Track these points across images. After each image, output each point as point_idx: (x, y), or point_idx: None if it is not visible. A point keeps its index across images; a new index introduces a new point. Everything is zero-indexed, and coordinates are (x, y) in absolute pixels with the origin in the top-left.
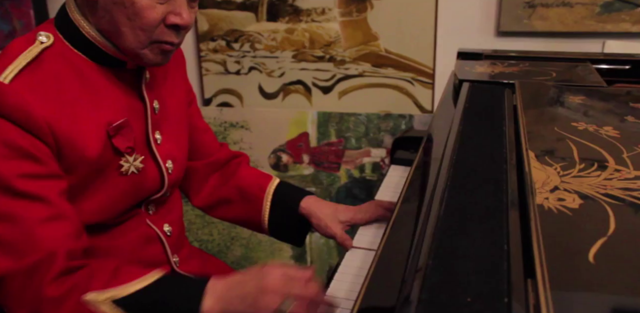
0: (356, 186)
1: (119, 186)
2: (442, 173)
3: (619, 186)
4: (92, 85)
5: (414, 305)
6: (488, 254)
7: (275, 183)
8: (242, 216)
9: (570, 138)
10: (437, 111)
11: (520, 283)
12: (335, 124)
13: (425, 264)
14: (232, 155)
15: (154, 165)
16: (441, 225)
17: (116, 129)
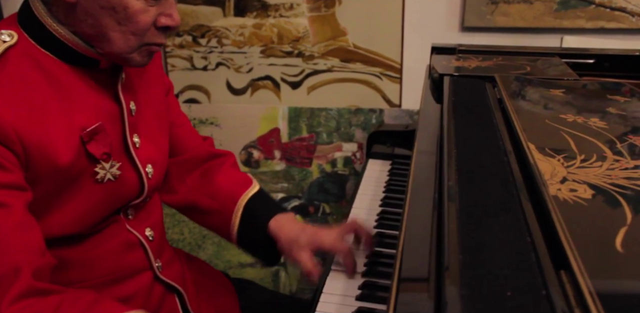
0: (328, 181)
1: (95, 195)
2: (447, 168)
3: (623, 176)
4: (63, 87)
5: (459, 303)
6: (514, 247)
7: (250, 195)
8: (211, 225)
9: (563, 130)
10: (421, 106)
11: (552, 275)
12: (306, 119)
13: (457, 260)
14: (214, 154)
15: (132, 170)
16: (462, 221)
17: (90, 134)
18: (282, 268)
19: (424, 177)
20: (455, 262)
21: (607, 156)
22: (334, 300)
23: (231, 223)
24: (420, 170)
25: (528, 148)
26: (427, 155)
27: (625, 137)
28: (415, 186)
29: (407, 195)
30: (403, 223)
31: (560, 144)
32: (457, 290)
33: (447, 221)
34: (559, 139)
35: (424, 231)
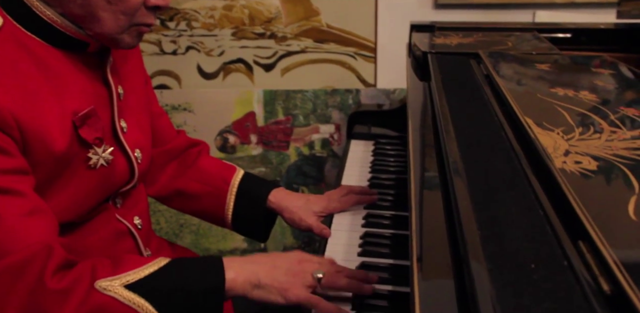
0: (306, 164)
1: (88, 181)
2: (448, 145)
3: (622, 146)
4: (52, 71)
5: (487, 277)
6: (528, 221)
7: (240, 176)
8: (202, 209)
9: (556, 104)
10: (409, 85)
11: (570, 246)
12: (282, 102)
13: (477, 236)
14: (191, 143)
15: (122, 155)
16: (473, 197)
17: (82, 118)
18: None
19: (424, 156)
20: (475, 237)
21: (603, 128)
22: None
23: (225, 203)
24: (419, 149)
25: (526, 122)
26: (422, 133)
27: (617, 109)
28: (417, 165)
29: (411, 175)
30: (412, 203)
31: (556, 118)
32: (483, 265)
33: (459, 197)
34: (554, 113)
35: (435, 209)
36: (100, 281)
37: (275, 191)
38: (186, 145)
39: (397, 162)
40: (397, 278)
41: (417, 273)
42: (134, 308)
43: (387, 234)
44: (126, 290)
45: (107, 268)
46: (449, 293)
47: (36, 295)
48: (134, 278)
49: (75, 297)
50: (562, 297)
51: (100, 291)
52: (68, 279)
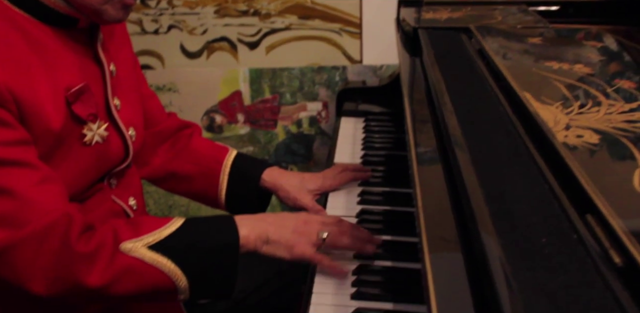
0: (294, 142)
1: (83, 158)
2: (448, 122)
3: (622, 119)
4: (42, 47)
5: (501, 252)
6: (534, 195)
7: (233, 155)
8: (195, 191)
9: (552, 77)
10: (400, 61)
11: (578, 220)
12: (268, 80)
13: (487, 211)
14: (183, 125)
15: (116, 133)
16: (478, 171)
17: (76, 94)
18: None
19: (422, 132)
20: (485, 213)
21: (601, 101)
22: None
23: (219, 184)
24: (418, 125)
25: (525, 97)
26: (418, 109)
27: (613, 81)
28: (417, 142)
29: (411, 152)
30: (415, 179)
31: (554, 92)
32: (495, 241)
33: (464, 173)
34: (552, 87)
35: (438, 185)
36: (124, 243)
37: (269, 170)
38: (177, 127)
39: (388, 138)
40: (394, 254)
41: (428, 250)
42: (157, 267)
43: (383, 211)
44: (149, 251)
45: (127, 231)
46: (460, 270)
47: (65, 260)
48: (155, 239)
49: (102, 259)
50: (574, 270)
51: (125, 253)
52: (94, 243)
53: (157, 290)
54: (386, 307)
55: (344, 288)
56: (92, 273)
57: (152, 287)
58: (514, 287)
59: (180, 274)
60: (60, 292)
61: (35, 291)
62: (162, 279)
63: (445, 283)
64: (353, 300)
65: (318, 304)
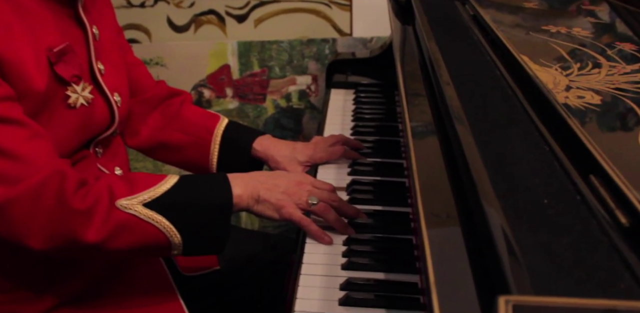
0: (284, 116)
1: (68, 121)
2: (444, 87)
3: (624, 80)
4: (24, 8)
5: (502, 214)
6: (534, 157)
7: (224, 124)
8: (186, 160)
9: (550, 40)
10: (392, 29)
11: (581, 181)
12: (257, 54)
13: (485, 174)
14: (172, 93)
15: (101, 98)
16: (475, 135)
17: (58, 54)
18: None
19: (417, 100)
20: (483, 176)
21: (602, 63)
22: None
23: (210, 153)
24: (413, 93)
25: (522, 60)
26: (412, 77)
27: (613, 44)
28: (411, 109)
29: (406, 120)
30: (410, 147)
31: (552, 54)
32: (496, 203)
33: (461, 137)
34: (550, 50)
35: (433, 153)
36: (120, 200)
37: (260, 139)
38: (167, 95)
39: (379, 109)
40: (385, 224)
41: (424, 214)
42: (153, 224)
43: (374, 181)
44: (145, 208)
45: (122, 188)
46: (458, 236)
47: (61, 216)
48: (150, 196)
49: (99, 215)
50: (579, 232)
51: (121, 209)
52: (90, 199)
53: (152, 246)
54: (377, 277)
55: (334, 259)
56: (89, 229)
57: (147, 242)
58: (516, 249)
59: (175, 231)
60: (58, 247)
61: (34, 247)
62: (157, 235)
63: (442, 250)
64: (344, 271)
65: (308, 275)
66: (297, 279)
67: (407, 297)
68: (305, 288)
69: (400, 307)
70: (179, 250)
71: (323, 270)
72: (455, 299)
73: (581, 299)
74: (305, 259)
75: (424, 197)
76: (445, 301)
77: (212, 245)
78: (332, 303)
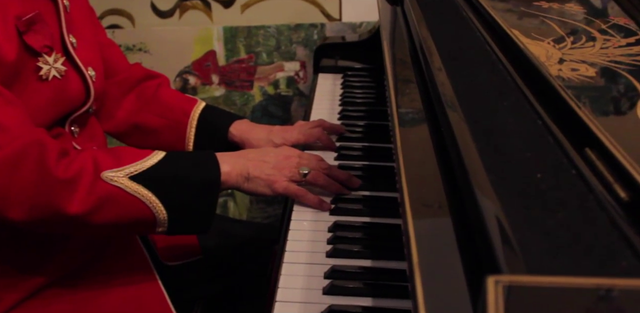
0: (272, 103)
1: (41, 94)
2: (431, 63)
3: (619, 53)
4: None
5: (491, 190)
6: (526, 131)
7: (201, 107)
8: (162, 145)
9: (542, 15)
10: (379, 8)
11: (576, 154)
12: (243, 39)
13: (474, 147)
14: (148, 75)
15: (75, 72)
16: (464, 109)
17: (27, 23)
18: (230, 199)
19: (405, 75)
20: (471, 149)
21: (596, 37)
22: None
23: (186, 137)
24: (403, 71)
25: (513, 34)
26: (399, 50)
27: (607, 18)
28: (399, 84)
29: (391, 98)
30: (394, 123)
31: (544, 29)
32: (484, 177)
33: (448, 109)
34: (542, 24)
35: (420, 129)
36: (105, 172)
37: (237, 123)
38: (142, 77)
39: (367, 93)
40: (372, 209)
41: (407, 189)
42: (138, 197)
43: (360, 165)
44: (131, 181)
45: (108, 160)
46: (444, 213)
47: (44, 186)
48: (137, 169)
49: (83, 186)
50: (575, 207)
51: (106, 181)
52: (74, 169)
53: (137, 221)
54: (364, 264)
55: (319, 246)
56: (72, 200)
57: (131, 217)
58: (506, 226)
59: (161, 206)
60: (40, 218)
61: (14, 218)
62: (142, 210)
63: (427, 227)
64: (329, 258)
65: (291, 263)
66: (279, 268)
67: (396, 285)
68: (288, 277)
69: (389, 296)
70: (164, 227)
71: (307, 258)
72: (441, 281)
73: (579, 278)
74: (289, 247)
75: (408, 171)
76: (430, 284)
77: (198, 223)
78: (316, 292)
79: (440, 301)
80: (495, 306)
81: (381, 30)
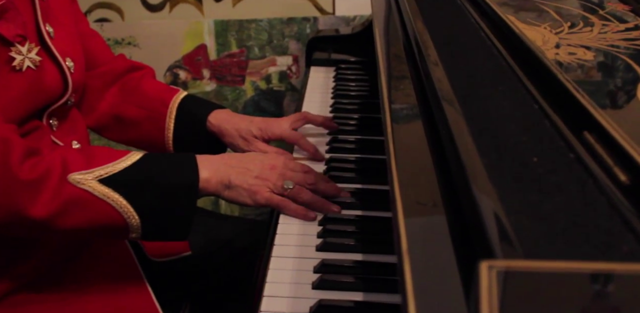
0: (264, 98)
1: (15, 85)
2: (423, 44)
3: (618, 38)
4: None
5: (484, 173)
6: (522, 114)
7: (181, 97)
8: (142, 137)
9: (539, 2)
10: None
11: (574, 138)
12: (235, 33)
13: (466, 131)
14: (132, 67)
15: (51, 62)
16: (457, 92)
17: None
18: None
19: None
20: (464, 132)
21: (594, 22)
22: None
23: (165, 128)
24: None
25: (508, 19)
26: (392, 43)
27: (604, 4)
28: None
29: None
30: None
31: (540, 14)
32: (478, 160)
33: (440, 92)
34: (538, 10)
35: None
36: (73, 174)
37: (216, 112)
38: (126, 68)
39: (360, 86)
40: (364, 202)
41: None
42: (108, 202)
43: (353, 158)
44: (100, 185)
45: (79, 161)
46: (436, 200)
47: (5, 186)
48: (107, 172)
49: (48, 188)
50: (573, 191)
51: (73, 184)
52: (39, 169)
53: (107, 226)
54: (355, 258)
55: (308, 240)
56: (35, 203)
57: (101, 222)
58: (500, 209)
59: (132, 211)
60: (2, 221)
61: None
62: (113, 215)
63: (417, 211)
64: (319, 252)
65: (279, 257)
66: (267, 262)
67: (387, 279)
68: (276, 271)
69: (380, 290)
70: (137, 233)
71: (296, 251)
72: (431, 267)
73: (578, 263)
74: (277, 240)
75: (398, 155)
76: (419, 271)
77: (174, 230)
78: (305, 286)
79: (431, 289)
80: (489, 293)
81: (374, 20)
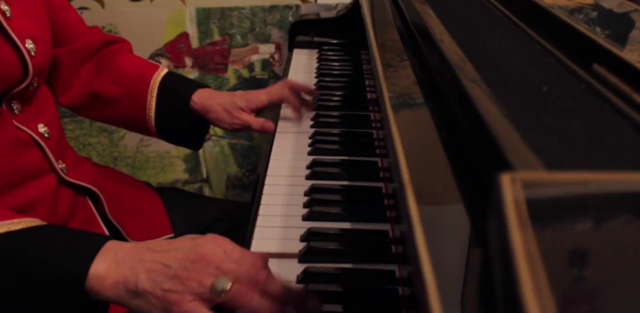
0: (247, 87)
1: None
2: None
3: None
4: None
5: (492, 98)
6: (525, 53)
7: (162, 74)
8: (122, 115)
9: None
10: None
11: (583, 71)
12: (217, 21)
13: (469, 67)
14: (108, 40)
15: (8, 45)
16: (455, 36)
17: None
18: (205, 184)
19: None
20: (466, 65)
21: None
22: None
23: (147, 107)
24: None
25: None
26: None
27: None
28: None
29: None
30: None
31: None
32: (484, 90)
33: (436, 36)
34: None
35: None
36: None
37: (200, 91)
38: (102, 42)
39: (343, 65)
40: (350, 173)
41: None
42: None
43: (337, 132)
44: None
45: None
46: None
47: None
48: None
49: None
50: (591, 115)
51: None
52: None
53: None
54: (343, 226)
55: (294, 210)
56: None
57: None
58: (515, 130)
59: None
60: None
61: None
62: None
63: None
64: (305, 221)
65: (264, 227)
66: (252, 232)
67: (377, 247)
68: (261, 241)
69: (369, 260)
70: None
71: (281, 221)
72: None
73: (604, 174)
74: (262, 211)
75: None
76: (423, 201)
77: None
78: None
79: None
80: (516, 206)
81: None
